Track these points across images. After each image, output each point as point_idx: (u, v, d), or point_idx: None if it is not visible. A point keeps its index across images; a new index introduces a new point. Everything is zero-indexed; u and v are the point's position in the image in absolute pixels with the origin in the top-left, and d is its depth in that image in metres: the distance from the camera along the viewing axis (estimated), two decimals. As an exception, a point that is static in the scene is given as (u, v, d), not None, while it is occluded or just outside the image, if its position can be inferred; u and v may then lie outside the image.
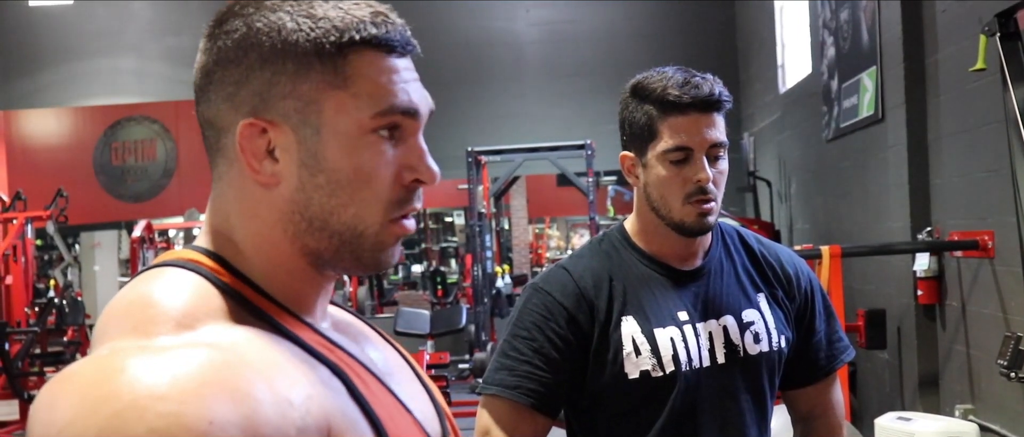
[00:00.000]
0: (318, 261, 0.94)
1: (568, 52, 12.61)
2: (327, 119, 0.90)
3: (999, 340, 3.96)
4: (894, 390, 5.87)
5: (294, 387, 0.79)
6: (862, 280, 6.51)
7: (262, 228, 0.93)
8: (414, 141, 0.95)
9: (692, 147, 1.71)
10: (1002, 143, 3.85)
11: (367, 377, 0.92)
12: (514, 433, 1.69)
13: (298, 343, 0.87)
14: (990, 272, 4.69)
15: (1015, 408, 4.47)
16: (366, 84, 0.90)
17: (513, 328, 1.75)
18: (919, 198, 5.45)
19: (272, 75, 0.90)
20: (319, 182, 0.90)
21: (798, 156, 8.68)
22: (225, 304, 0.86)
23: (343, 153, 0.90)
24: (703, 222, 1.72)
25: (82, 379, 0.73)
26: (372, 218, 0.92)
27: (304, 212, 0.91)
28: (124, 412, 0.69)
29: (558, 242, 18.16)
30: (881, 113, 5.98)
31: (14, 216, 9.03)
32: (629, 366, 1.70)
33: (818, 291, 1.91)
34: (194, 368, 0.74)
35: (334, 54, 0.90)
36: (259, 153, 0.91)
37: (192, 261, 0.90)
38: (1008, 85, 3.59)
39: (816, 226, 8.01)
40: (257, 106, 0.91)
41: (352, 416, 0.85)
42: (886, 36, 5.82)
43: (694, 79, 1.72)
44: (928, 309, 5.46)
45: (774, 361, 1.79)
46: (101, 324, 0.84)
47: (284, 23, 0.90)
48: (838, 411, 1.96)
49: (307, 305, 0.96)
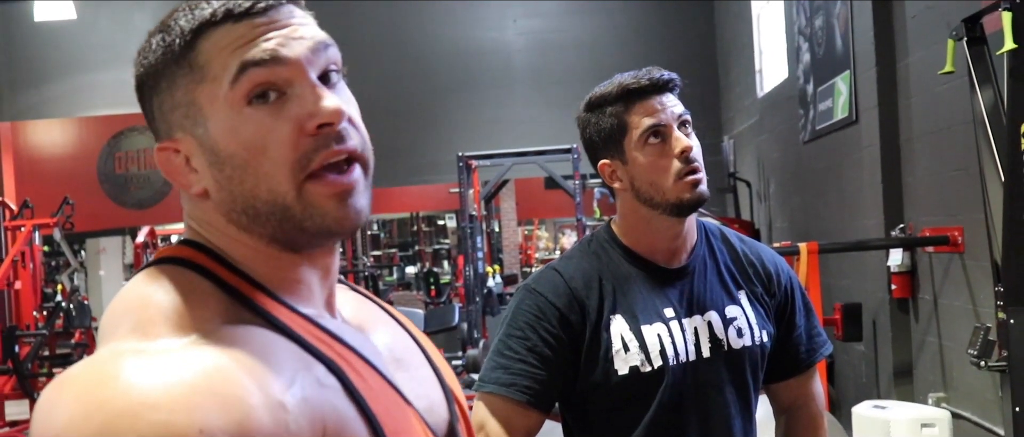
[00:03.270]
0: (282, 244, 0.90)
1: (555, 60, 12.62)
2: (207, 113, 0.87)
3: (969, 331, 3.98)
4: (870, 380, 5.90)
5: (288, 390, 0.77)
6: (838, 275, 6.54)
7: (224, 232, 0.90)
8: (300, 88, 0.87)
9: (665, 123, 1.72)
10: (970, 143, 3.88)
11: (366, 371, 0.89)
12: (509, 428, 1.69)
13: (295, 339, 0.85)
14: (960, 266, 4.72)
15: (985, 396, 4.49)
16: (218, 64, 0.86)
17: (507, 328, 1.75)
18: (892, 196, 5.47)
19: (156, 99, 0.90)
20: (227, 174, 0.88)
21: (776, 157, 8.71)
22: (222, 302, 0.85)
23: (229, 138, 0.86)
24: (698, 193, 1.71)
25: (80, 383, 0.73)
26: (283, 186, 0.86)
27: (235, 206, 0.88)
28: (116, 420, 0.69)
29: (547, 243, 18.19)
30: (855, 115, 6.00)
31: (22, 223, 9.01)
32: (619, 362, 1.70)
33: (797, 288, 1.92)
34: (187, 375, 0.73)
35: (186, 53, 0.87)
36: (181, 169, 0.90)
37: (189, 257, 0.89)
38: (975, 87, 3.61)
39: (794, 224, 8.03)
40: (162, 131, 0.91)
41: (347, 415, 0.83)
42: (859, 41, 5.85)
43: (643, 70, 1.75)
44: (902, 302, 5.48)
45: (757, 355, 1.80)
46: (105, 323, 0.84)
47: (148, 51, 0.90)
48: (818, 402, 1.97)
49: (302, 292, 0.92)
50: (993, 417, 4.35)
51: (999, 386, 3.83)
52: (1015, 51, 3.31)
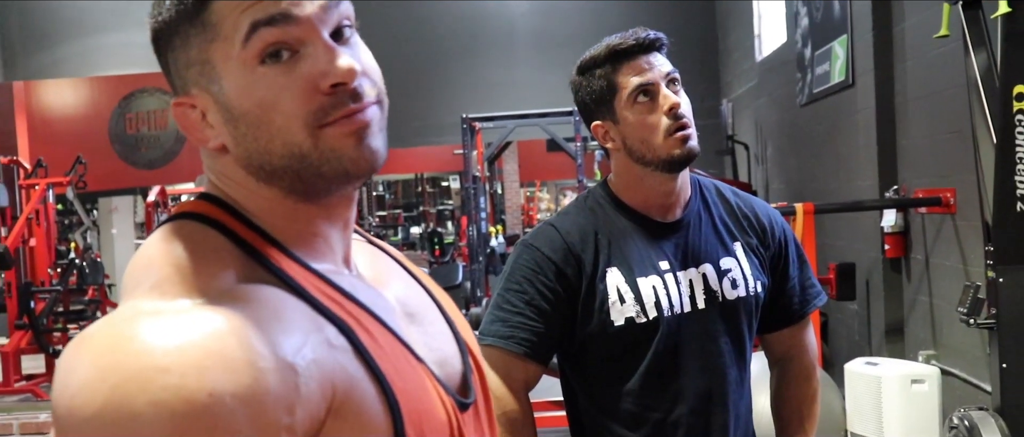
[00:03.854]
0: (299, 193, 0.89)
1: (557, 23, 12.56)
2: (221, 71, 0.86)
3: (960, 290, 4.00)
4: (862, 338, 5.93)
5: (299, 351, 0.77)
6: (833, 236, 6.55)
7: (243, 185, 0.90)
8: (313, 46, 0.86)
9: (652, 81, 1.71)
10: (963, 107, 3.87)
11: (376, 329, 0.88)
12: (508, 379, 1.71)
13: (307, 299, 0.84)
14: (952, 227, 4.73)
15: (973, 353, 4.52)
16: (229, 22, 0.85)
17: (506, 282, 1.76)
18: (886, 158, 5.48)
19: (172, 56, 0.89)
20: (242, 131, 0.87)
21: (774, 120, 8.69)
22: (238, 259, 0.84)
23: (244, 95, 0.86)
24: (688, 148, 1.71)
25: (96, 345, 0.73)
26: (297, 137, 0.85)
27: (252, 160, 0.88)
28: (128, 383, 0.69)
29: (548, 204, 18.19)
30: (851, 79, 5.99)
31: (36, 182, 9.01)
32: (615, 314, 1.71)
33: (791, 240, 1.92)
34: (198, 338, 0.73)
35: (198, 11, 0.86)
36: (197, 124, 0.90)
37: (207, 213, 0.89)
38: (970, 51, 3.60)
39: (790, 185, 8.04)
40: (178, 87, 0.90)
41: (356, 375, 0.82)
42: (856, 6, 5.82)
43: (630, 31, 1.75)
44: (894, 262, 5.50)
45: (751, 305, 1.81)
46: (127, 278, 0.84)
47: (162, 9, 0.88)
48: (811, 354, 1.98)
49: (319, 246, 0.92)
50: (981, 374, 4.38)
51: (987, 344, 3.85)
52: (1009, 15, 3.30)
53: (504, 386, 1.70)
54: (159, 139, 12.69)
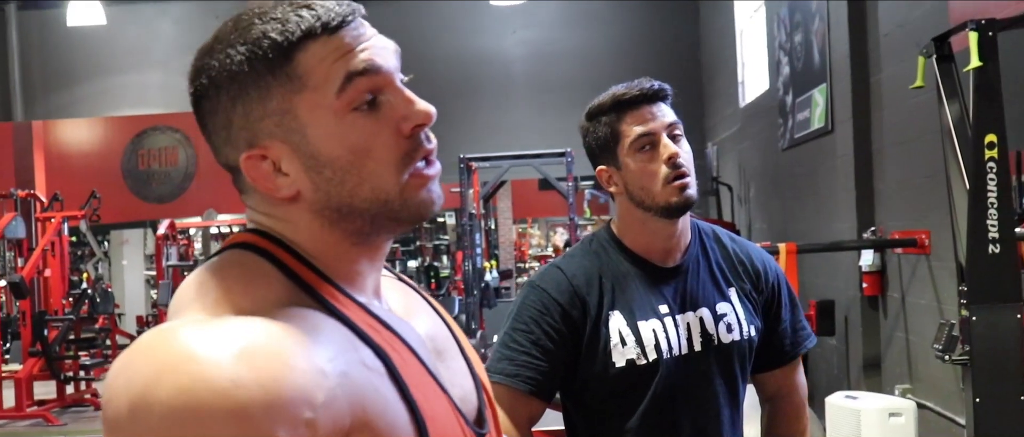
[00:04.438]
0: (362, 237, 0.91)
1: (551, 69, 12.65)
2: (306, 121, 0.87)
3: (934, 327, 4.01)
4: (841, 372, 5.93)
5: (330, 361, 0.78)
6: (813, 274, 6.57)
7: (301, 229, 0.91)
8: (393, 94, 0.90)
9: (654, 131, 1.72)
10: (938, 152, 3.90)
11: (410, 359, 0.89)
12: (513, 415, 1.70)
13: (348, 324, 0.85)
14: (927, 267, 4.75)
15: (947, 387, 4.53)
16: (319, 74, 0.86)
17: (513, 322, 1.76)
18: (864, 201, 5.51)
19: (244, 108, 0.88)
20: (327, 176, 0.88)
21: (756, 163, 8.73)
22: (284, 285, 0.86)
23: (334, 143, 0.87)
24: (685, 196, 1.72)
25: (142, 344, 0.76)
26: (388, 183, 0.88)
27: (329, 204, 0.89)
28: (158, 373, 0.71)
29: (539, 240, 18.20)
30: (831, 125, 6.03)
31: (52, 215, 9.01)
32: (616, 355, 1.72)
33: (784, 284, 1.92)
34: (234, 337, 0.74)
35: (282, 64, 0.86)
36: (269, 175, 0.89)
37: (259, 244, 0.90)
38: (943, 101, 3.64)
39: (772, 226, 8.06)
40: (249, 139, 0.89)
41: (388, 397, 0.83)
42: (835, 57, 5.88)
43: (635, 81, 1.76)
44: (872, 300, 5.52)
45: (745, 349, 1.81)
46: (176, 299, 0.86)
47: (233, 58, 0.87)
48: (801, 392, 1.98)
49: (359, 281, 0.93)
50: (954, 407, 4.38)
51: (961, 379, 3.86)
52: (981, 69, 3.34)
53: (510, 422, 1.70)
54: (169, 175, 12.71)
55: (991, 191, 3.40)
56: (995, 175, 3.37)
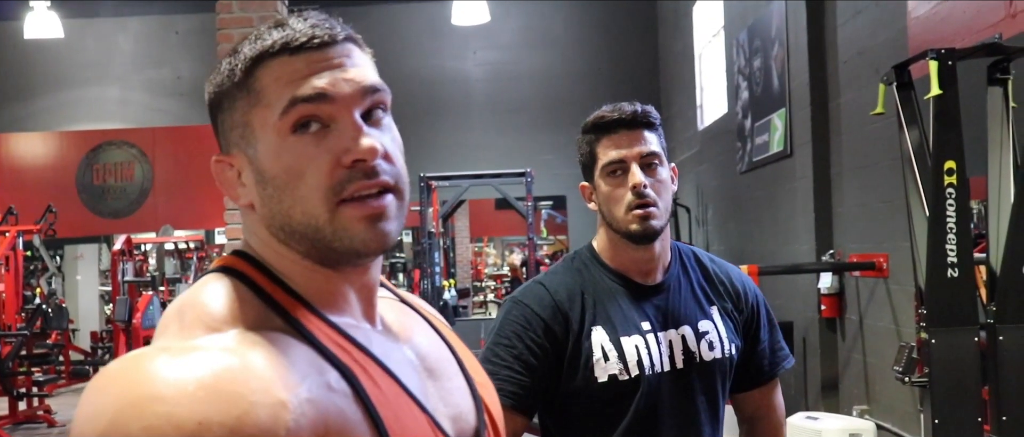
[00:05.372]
0: (323, 260, 0.91)
1: (511, 90, 12.68)
2: (258, 135, 0.90)
3: (892, 350, 4.07)
4: (799, 393, 5.98)
5: (294, 390, 0.78)
6: (772, 295, 6.61)
7: (265, 243, 0.93)
8: (343, 124, 0.89)
9: (625, 159, 1.73)
10: (896, 177, 3.97)
11: (381, 378, 0.89)
12: None
13: (315, 346, 0.86)
14: (884, 290, 4.81)
15: (904, 408, 4.59)
16: (272, 91, 0.89)
17: (495, 337, 1.76)
18: (823, 224, 5.57)
19: (222, 118, 0.94)
20: (269, 193, 0.90)
21: (715, 186, 8.81)
22: (257, 309, 0.87)
23: (273, 160, 0.89)
24: (647, 226, 1.72)
25: (110, 375, 0.76)
26: (316, 209, 0.88)
27: (274, 221, 0.91)
28: (126, 410, 0.72)
29: (495, 259, 18.20)
30: (790, 149, 6.10)
31: (6, 229, 8.84)
32: (598, 371, 1.72)
33: (763, 305, 1.94)
34: (198, 373, 0.75)
35: (245, 78, 0.90)
36: (231, 182, 0.94)
37: (237, 268, 0.92)
38: (904, 128, 3.69)
39: (731, 248, 8.13)
40: (224, 146, 0.95)
41: (353, 419, 0.83)
42: (794, 82, 5.96)
43: (622, 104, 1.77)
44: (830, 322, 5.58)
45: (726, 367, 1.82)
46: (162, 320, 0.87)
47: (221, 75, 0.93)
48: (779, 412, 2.00)
49: (339, 303, 0.93)
50: (911, 428, 4.44)
51: (918, 400, 3.92)
52: (940, 97, 3.40)
53: None
54: (124, 190, 12.51)
55: (950, 216, 3.46)
56: (954, 200, 3.43)
